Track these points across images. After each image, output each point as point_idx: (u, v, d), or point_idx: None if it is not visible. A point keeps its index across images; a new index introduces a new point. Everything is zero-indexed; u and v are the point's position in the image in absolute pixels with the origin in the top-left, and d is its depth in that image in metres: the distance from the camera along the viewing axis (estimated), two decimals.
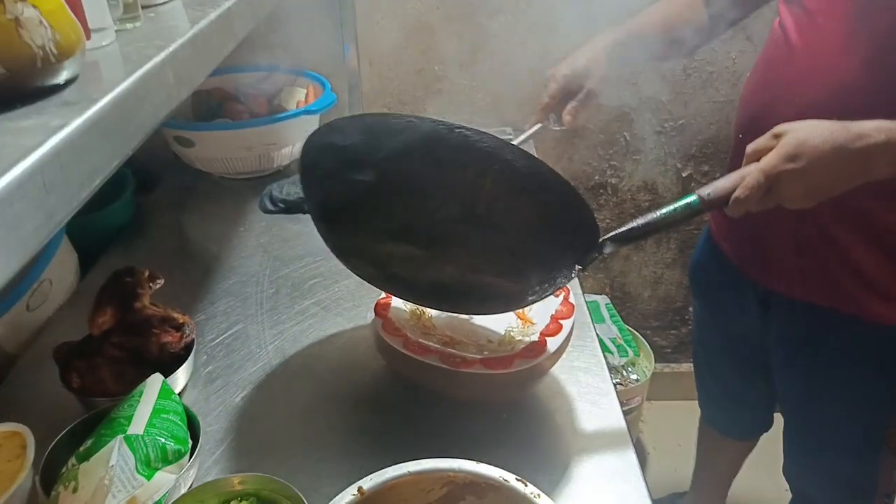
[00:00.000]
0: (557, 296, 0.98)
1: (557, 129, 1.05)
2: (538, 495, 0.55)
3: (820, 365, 1.00)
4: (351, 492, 0.55)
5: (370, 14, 1.48)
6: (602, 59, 1.00)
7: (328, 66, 1.47)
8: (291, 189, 1.24)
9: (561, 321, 0.92)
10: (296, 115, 1.25)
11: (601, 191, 1.68)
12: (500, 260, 0.70)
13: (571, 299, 0.97)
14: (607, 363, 1.54)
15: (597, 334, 1.59)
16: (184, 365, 0.79)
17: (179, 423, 0.70)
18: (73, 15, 0.39)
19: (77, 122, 0.34)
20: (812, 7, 0.87)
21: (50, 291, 0.96)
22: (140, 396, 0.70)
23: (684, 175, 1.65)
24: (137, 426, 0.65)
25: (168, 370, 0.76)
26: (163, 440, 0.66)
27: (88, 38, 0.44)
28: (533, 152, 1.37)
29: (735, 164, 0.76)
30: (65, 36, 0.37)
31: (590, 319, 0.98)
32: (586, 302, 1.78)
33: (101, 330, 0.78)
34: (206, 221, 1.22)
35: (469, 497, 0.59)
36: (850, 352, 0.96)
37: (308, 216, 1.18)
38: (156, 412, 0.69)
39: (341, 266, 1.00)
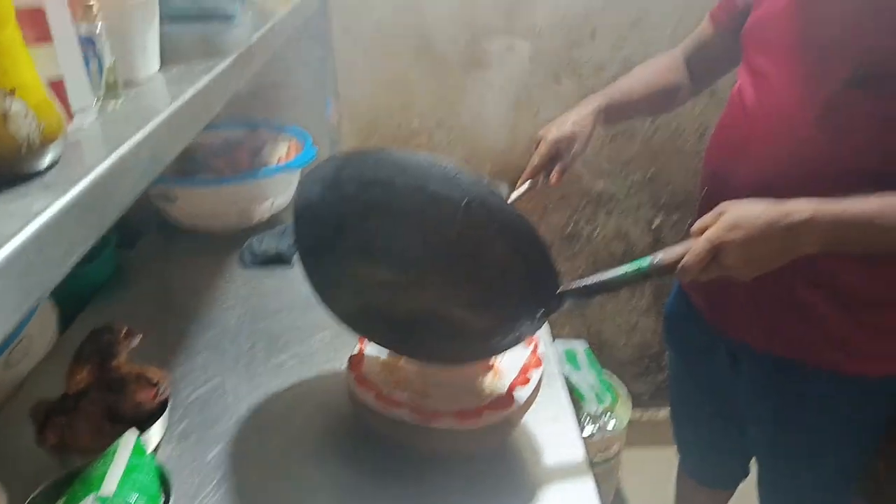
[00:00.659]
0: (527, 346, 1.01)
1: (544, 185, 1.09)
2: None
3: (789, 415, 1.03)
4: None
5: (350, 71, 1.54)
6: (589, 123, 1.05)
7: (309, 121, 1.52)
8: (271, 243, 1.28)
9: (529, 372, 0.95)
10: (277, 170, 1.29)
11: (575, 240, 1.73)
12: (470, 290, 0.73)
13: (540, 350, 1.00)
14: (584, 411, 1.56)
15: (570, 381, 1.62)
16: (158, 422, 0.80)
17: (152, 480, 0.71)
18: (58, 103, 0.42)
19: (57, 206, 0.37)
20: (765, 71, 0.93)
21: (30, 347, 0.97)
22: (114, 455, 0.71)
23: (655, 224, 1.71)
24: (110, 485, 0.66)
25: (143, 427, 0.77)
26: (134, 499, 0.67)
27: (71, 118, 0.47)
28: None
29: (701, 216, 0.81)
30: (49, 125, 0.40)
31: (557, 370, 1.00)
32: (564, 350, 1.82)
33: (78, 388, 0.80)
34: (187, 276, 1.24)
35: None
36: (818, 403, 0.99)
37: (286, 270, 1.22)
38: (129, 470, 0.70)
39: (317, 319, 1.03)
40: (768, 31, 0.93)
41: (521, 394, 0.90)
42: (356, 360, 0.96)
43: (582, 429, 1.66)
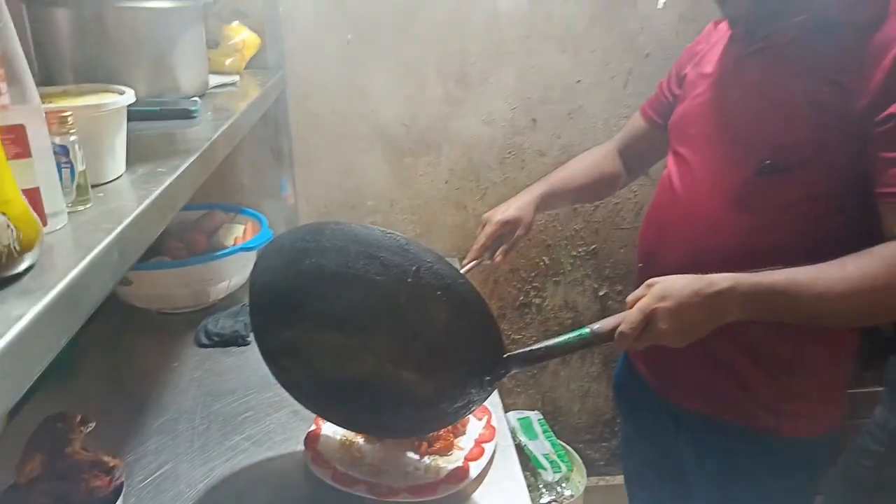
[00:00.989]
0: (480, 419, 1.05)
1: (489, 263, 1.17)
2: None
3: (729, 477, 1.08)
4: None
5: (306, 156, 1.61)
6: (531, 208, 1.16)
7: (266, 203, 1.57)
8: (227, 323, 1.30)
9: (483, 444, 0.98)
10: (233, 252, 1.33)
11: (526, 310, 1.79)
12: (417, 352, 0.77)
13: (493, 422, 1.04)
14: (541, 479, 1.58)
15: (526, 450, 1.64)
16: None
17: None
18: (34, 214, 0.46)
19: (34, 311, 0.40)
20: (688, 160, 1.03)
21: None
22: None
23: (601, 294, 1.79)
24: None
25: None
26: None
27: (45, 223, 0.51)
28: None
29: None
30: (27, 234, 0.44)
31: (511, 441, 1.03)
32: (519, 420, 1.85)
33: (29, 478, 0.79)
34: (141, 357, 1.24)
35: None
36: (753, 465, 1.04)
37: (242, 350, 1.24)
38: None
39: (273, 399, 1.05)
40: (689, 125, 1.04)
41: (476, 466, 0.94)
42: (312, 438, 0.98)
43: (539, 496, 1.68)
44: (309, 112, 1.56)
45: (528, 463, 1.75)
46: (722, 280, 0.82)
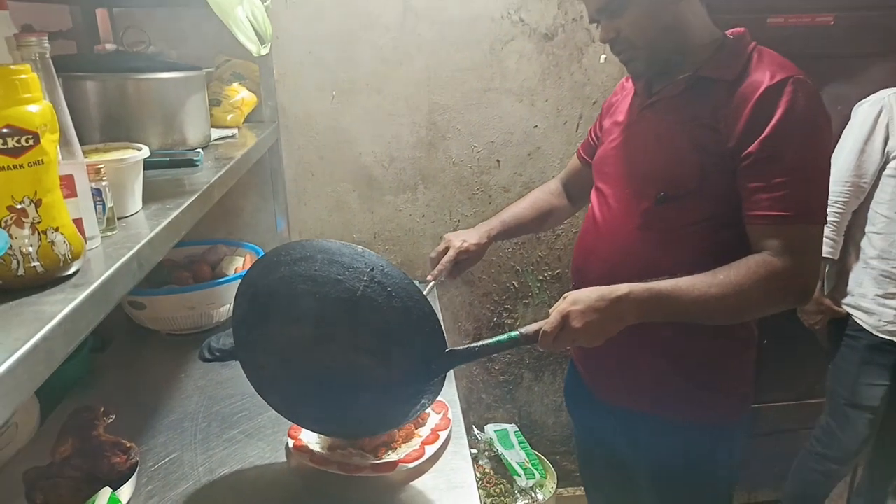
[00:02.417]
0: (438, 412, 1.23)
1: (442, 280, 1.35)
2: None
3: (658, 464, 1.24)
4: None
5: (299, 194, 1.82)
6: (485, 238, 1.36)
7: (263, 237, 1.78)
8: (227, 341, 1.49)
9: (439, 432, 1.16)
10: (233, 279, 1.53)
11: (500, 330, 1.97)
12: (371, 339, 0.94)
13: (449, 415, 1.22)
14: (517, 485, 1.74)
15: (503, 459, 1.80)
16: (129, 482, 0.99)
17: None
18: (80, 236, 0.67)
19: (81, 297, 0.61)
20: (605, 192, 1.23)
21: (15, 434, 1.15)
22: None
23: None
24: None
25: (115, 487, 0.96)
26: None
27: (86, 243, 0.71)
28: (436, 301, 1.68)
29: None
30: (75, 248, 0.65)
31: (464, 430, 1.20)
32: (497, 432, 2.01)
33: (62, 457, 0.99)
34: (152, 371, 1.44)
35: None
36: (682, 451, 1.20)
37: (238, 363, 1.43)
38: None
39: (263, 402, 1.24)
40: (606, 165, 1.24)
41: (430, 449, 1.12)
42: (295, 430, 1.17)
43: (514, 501, 1.83)
44: (300, 158, 1.79)
45: (504, 471, 1.91)
46: (621, 288, 1.00)
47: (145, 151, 0.88)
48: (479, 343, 1.03)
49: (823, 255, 1.72)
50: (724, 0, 1.74)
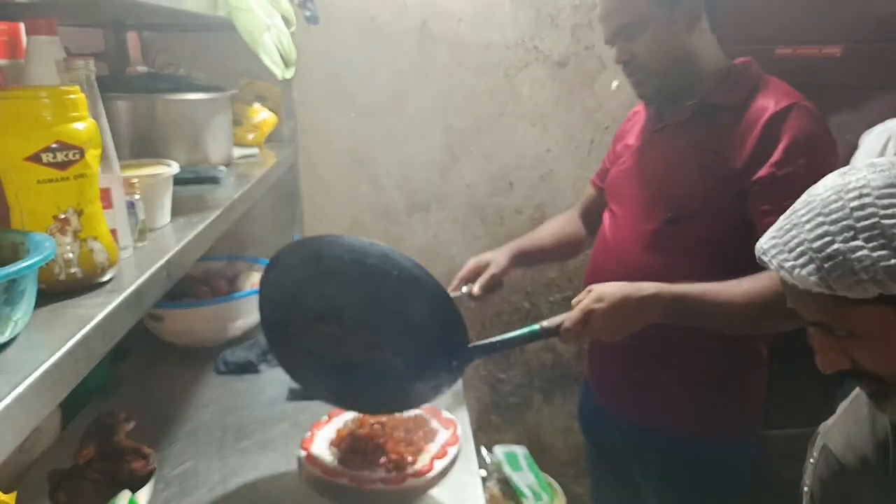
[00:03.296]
0: (447, 429, 1.25)
1: (465, 292, 1.35)
2: None
3: (667, 480, 1.26)
4: None
5: (315, 213, 1.87)
6: (504, 257, 1.36)
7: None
8: (242, 354, 1.53)
9: (448, 448, 1.18)
10: (249, 294, 1.57)
11: (511, 351, 1.99)
12: (395, 338, 0.97)
13: (459, 432, 1.24)
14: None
15: (511, 481, 1.80)
16: (146, 487, 1.02)
17: None
18: (116, 244, 0.71)
19: (116, 302, 0.64)
20: (616, 213, 1.26)
21: (38, 439, 1.19)
22: None
23: None
24: None
25: (134, 490, 0.99)
26: None
27: (120, 252, 0.75)
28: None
29: None
30: (111, 256, 0.69)
31: (473, 446, 1.22)
32: (506, 454, 2.02)
33: (85, 459, 1.02)
34: (169, 381, 1.47)
35: None
36: (692, 467, 1.21)
37: (254, 376, 1.47)
38: None
39: (278, 413, 1.27)
40: (618, 187, 1.28)
41: (439, 463, 1.14)
42: (308, 442, 1.19)
43: None
44: (318, 178, 1.84)
45: (512, 493, 1.92)
46: (647, 287, 1.02)
47: (175, 168, 0.93)
48: (500, 338, 1.05)
49: None
50: (733, 30, 1.78)
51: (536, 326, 1.04)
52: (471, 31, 1.75)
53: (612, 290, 1.02)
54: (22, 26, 1.08)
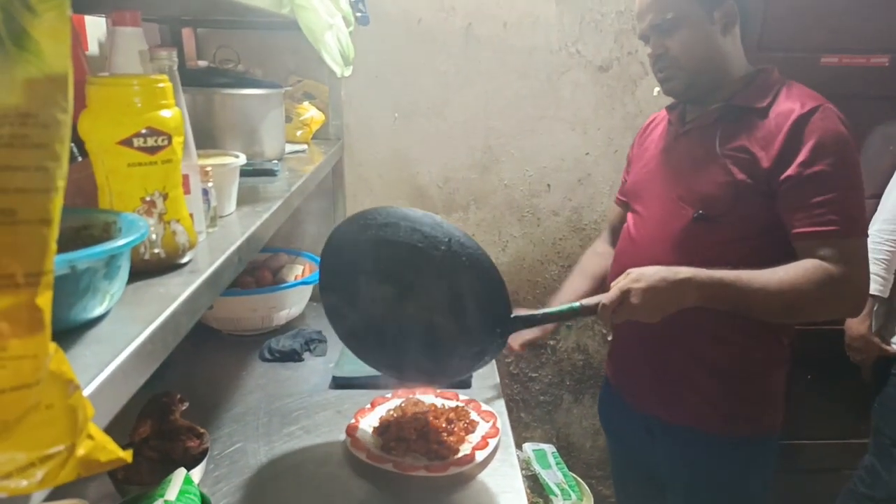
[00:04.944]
0: (487, 421, 1.28)
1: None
2: None
3: (691, 475, 1.27)
4: None
5: (356, 208, 1.90)
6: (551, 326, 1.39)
7: (322, 248, 1.86)
8: (286, 343, 1.57)
9: (488, 439, 1.21)
10: (293, 286, 1.62)
11: (542, 351, 2.02)
12: (446, 301, 1.02)
13: (498, 425, 1.27)
14: None
15: (540, 478, 1.82)
16: (200, 465, 1.06)
17: (197, 502, 0.96)
18: (195, 227, 0.75)
19: (196, 282, 0.68)
20: (640, 213, 1.28)
21: None
22: (169, 482, 0.97)
23: (609, 339, 2.00)
24: (171, 495, 0.92)
25: (188, 468, 1.03)
26: None
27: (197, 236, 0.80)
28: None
29: None
30: (191, 239, 0.73)
31: (512, 439, 1.24)
32: (535, 451, 2.04)
33: (141, 437, 1.06)
34: (216, 367, 1.52)
35: None
36: (715, 465, 1.23)
37: (298, 364, 1.50)
38: (181, 493, 0.96)
39: (322, 401, 1.31)
40: (641, 188, 1.30)
41: (481, 454, 1.16)
42: (352, 428, 1.23)
43: None
44: (361, 176, 1.88)
45: (541, 490, 1.93)
46: (683, 271, 1.05)
47: (242, 158, 0.97)
48: (542, 311, 1.10)
49: (873, 292, 1.72)
50: (778, 38, 1.78)
51: (577, 304, 1.08)
52: (515, 35, 1.77)
53: (650, 272, 1.05)
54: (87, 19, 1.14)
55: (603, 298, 1.06)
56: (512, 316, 1.07)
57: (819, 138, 1.06)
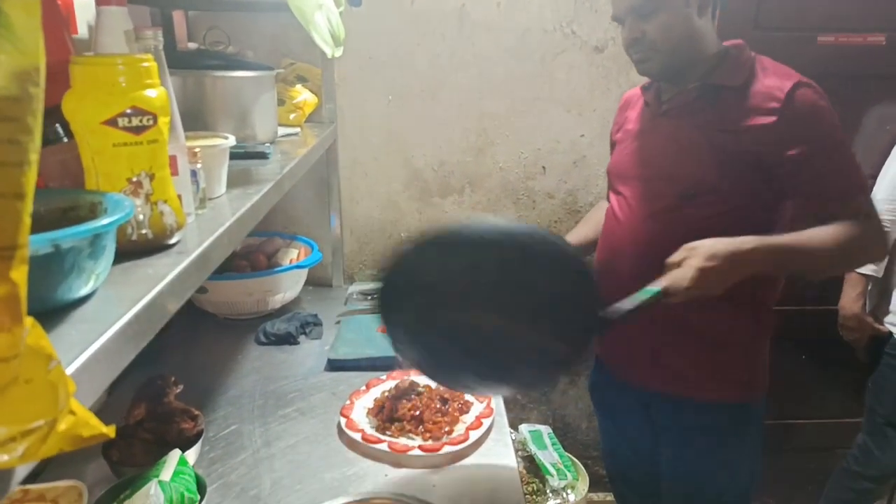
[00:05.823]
0: (482, 402, 1.28)
1: None
2: None
3: (683, 443, 1.28)
4: None
5: (351, 194, 1.90)
6: None
7: (317, 232, 1.87)
8: (282, 326, 1.58)
9: (482, 419, 1.22)
10: (288, 269, 1.62)
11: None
12: (530, 306, 0.95)
13: (492, 405, 1.27)
14: (549, 485, 1.78)
15: (537, 459, 1.83)
16: (195, 446, 1.07)
17: (192, 482, 0.97)
18: (183, 209, 0.75)
19: (184, 263, 0.68)
20: (624, 193, 1.27)
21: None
22: (164, 464, 0.98)
23: None
24: (166, 476, 0.92)
25: (183, 450, 1.03)
26: (182, 490, 0.93)
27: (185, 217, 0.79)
28: None
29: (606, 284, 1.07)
30: (179, 219, 0.73)
31: (506, 419, 1.25)
32: (531, 432, 2.05)
33: (136, 420, 1.07)
34: (211, 351, 1.53)
35: None
36: (697, 429, 1.25)
37: (293, 347, 1.50)
38: (176, 473, 0.96)
39: (316, 383, 1.31)
40: (624, 170, 1.29)
41: (474, 434, 1.17)
42: (347, 409, 1.23)
43: (546, 500, 1.87)
44: (355, 159, 1.87)
45: (537, 470, 1.95)
46: (748, 241, 1.04)
47: (232, 140, 0.97)
48: (629, 305, 1.03)
49: (867, 272, 1.72)
50: (775, 18, 1.77)
51: (658, 289, 1.03)
52: (509, 16, 1.76)
53: (720, 248, 1.03)
54: (76, 1, 1.13)
55: (680, 280, 1.02)
56: (600, 315, 1.00)
57: (807, 113, 1.10)
